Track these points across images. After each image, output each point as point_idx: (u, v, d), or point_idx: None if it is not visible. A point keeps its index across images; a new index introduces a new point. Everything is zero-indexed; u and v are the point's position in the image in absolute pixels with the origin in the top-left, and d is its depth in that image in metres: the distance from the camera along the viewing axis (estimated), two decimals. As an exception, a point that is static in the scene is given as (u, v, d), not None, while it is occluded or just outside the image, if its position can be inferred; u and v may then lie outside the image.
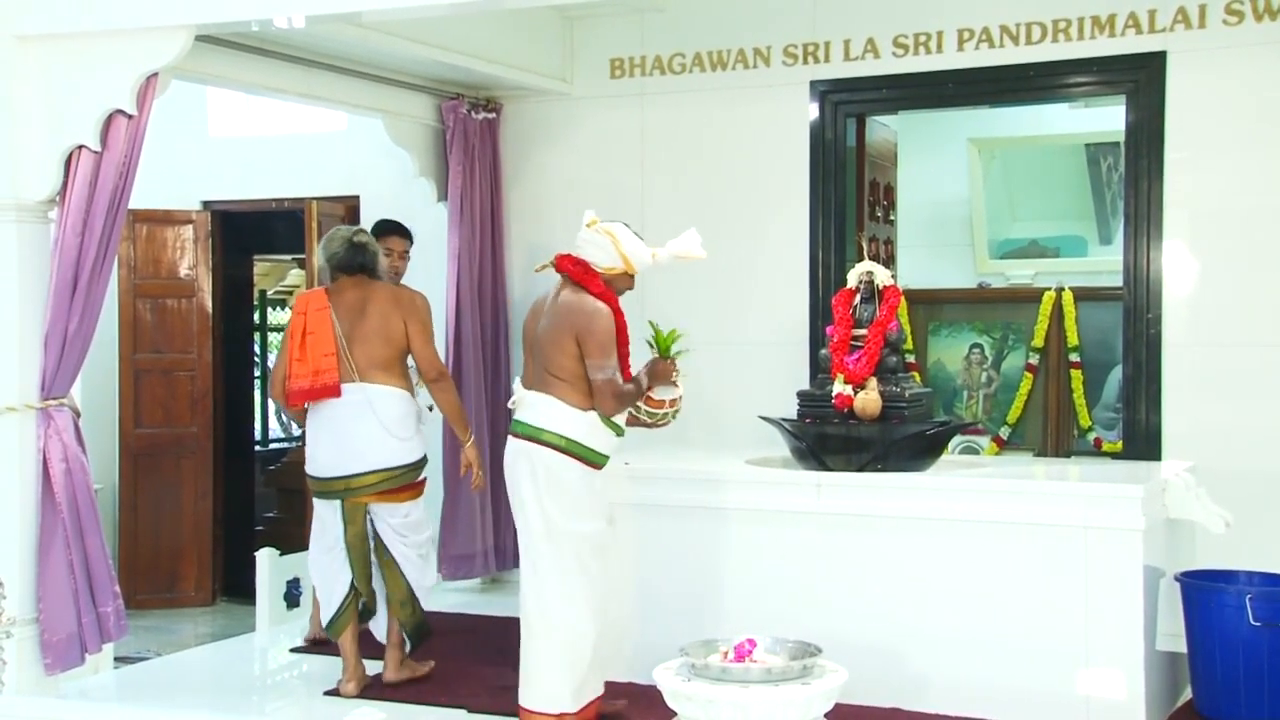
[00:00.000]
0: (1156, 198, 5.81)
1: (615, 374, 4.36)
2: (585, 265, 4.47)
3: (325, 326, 5.02)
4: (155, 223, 7.94)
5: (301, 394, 5.00)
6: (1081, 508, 4.60)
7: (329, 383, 4.97)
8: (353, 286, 5.13)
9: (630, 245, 4.46)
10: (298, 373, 4.99)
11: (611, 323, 4.41)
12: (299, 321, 5.06)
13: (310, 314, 5.05)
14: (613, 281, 4.48)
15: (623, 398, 4.40)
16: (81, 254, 4.57)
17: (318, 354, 4.98)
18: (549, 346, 4.44)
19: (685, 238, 4.50)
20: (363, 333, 5.05)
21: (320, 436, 5.04)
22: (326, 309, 5.05)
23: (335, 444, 5.01)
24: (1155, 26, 5.79)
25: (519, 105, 6.99)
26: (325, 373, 4.98)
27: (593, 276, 4.46)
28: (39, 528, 4.58)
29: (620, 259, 4.44)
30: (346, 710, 4.93)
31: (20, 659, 4.51)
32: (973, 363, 6.72)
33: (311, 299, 5.13)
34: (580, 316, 4.40)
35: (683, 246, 4.48)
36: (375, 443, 5.01)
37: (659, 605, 5.02)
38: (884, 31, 6.25)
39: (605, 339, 4.37)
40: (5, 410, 4.57)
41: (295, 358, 5.00)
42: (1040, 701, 4.59)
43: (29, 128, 4.63)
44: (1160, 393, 5.80)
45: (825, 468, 5.08)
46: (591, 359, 4.37)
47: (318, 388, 4.98)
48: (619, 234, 4.46)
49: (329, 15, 4.69)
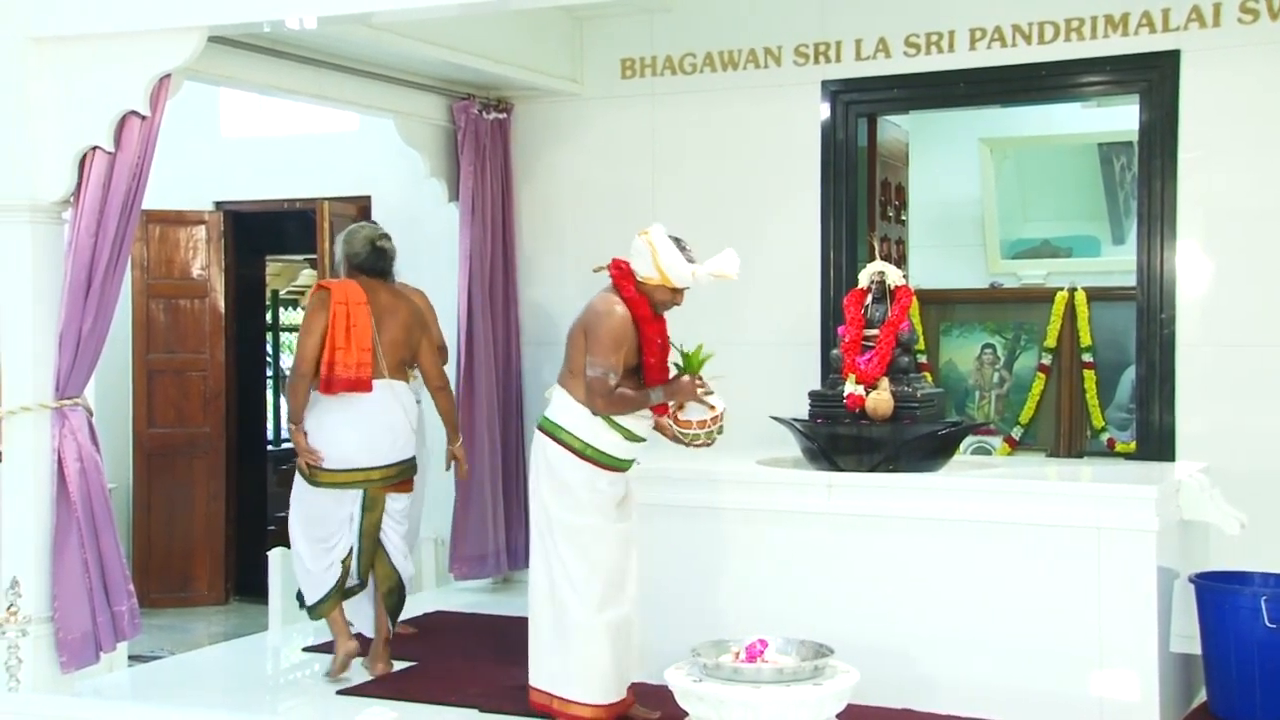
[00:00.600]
0: (1170, 197, 5.79)
1: (608, 374, 4.38)
2: (626, 270, 4.50)
3: (366, 322, 5.16)
4: (168, 223, 7.97)
5: (347, 383, 5.10)
6: (1095, 509, 4.59)
7: (365, 376, 5.13)
8: (384, 290, 5.32)
9: (668, 259, 4.43)
10: (345, 361, 5.08)
11: (621, 324, 4.42)
12: (342, 311, 5.12)
13: (351, 306, 5.15)
14: (651, 292, 4.47)
15: (613, 400, 4.40)
16: (95, 254, 4.59)
17: (359, 347, 5.11)
18: (569, 342, 4.55)
19: (723, 257, 4.48)
20: (392, 335, 5.26)
21: (346, 429, 5.15)
22: (366, 305, 5.18)
23: (368, 436, 5.17)
24: (1169, 25, 5.77)
25: (530, 105, 7.00)
26: (364, 366, 5.12)
27: (628, 281, 4.48)
28: (54, 527, 4.60)
29: (656, 271, 4.43)
30: (359, 709, 4.95)
31: (36, 657, 4.54)
32: (985, 363, 6.71)
33: (350, 291, 5.19)
34: (592, 314, 4.47)
35: (720, 266, 4.47)
36: (402, 435, 5.27)
37: (670, 605, 5.02)
38: (895, 31, 6.24)
39: (608, 338, 4.39)
40: (20, 410, 4.59)
41: (339, 346, 5.09)
42: (1053, 703, 4.58)
43: (43, 129, 4.65)
44: (1174, 393, 5.78)
45: (837, 468, 5.07)
46: (589, 355, 4.41)
47: (358, 379, 5.11)
48: (659, 246, 4.43)
49: (340, 16, 4.71)
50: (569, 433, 4.47)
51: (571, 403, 4.48)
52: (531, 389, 6.92)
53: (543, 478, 4.52)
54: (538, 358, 6.99)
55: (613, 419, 4.45)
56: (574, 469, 4.45)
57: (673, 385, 4.51)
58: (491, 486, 6.64)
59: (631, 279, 4.48)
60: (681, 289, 4.49)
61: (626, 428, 4.47)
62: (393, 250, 5.40)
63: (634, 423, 4.48)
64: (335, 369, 5.09)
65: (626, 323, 4.44)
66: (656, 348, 4.51)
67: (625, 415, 4.46)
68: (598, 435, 4.46)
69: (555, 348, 6.91)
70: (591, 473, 4.46)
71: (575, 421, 4.46)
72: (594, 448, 4.45)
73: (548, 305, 7.04)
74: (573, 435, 4.46)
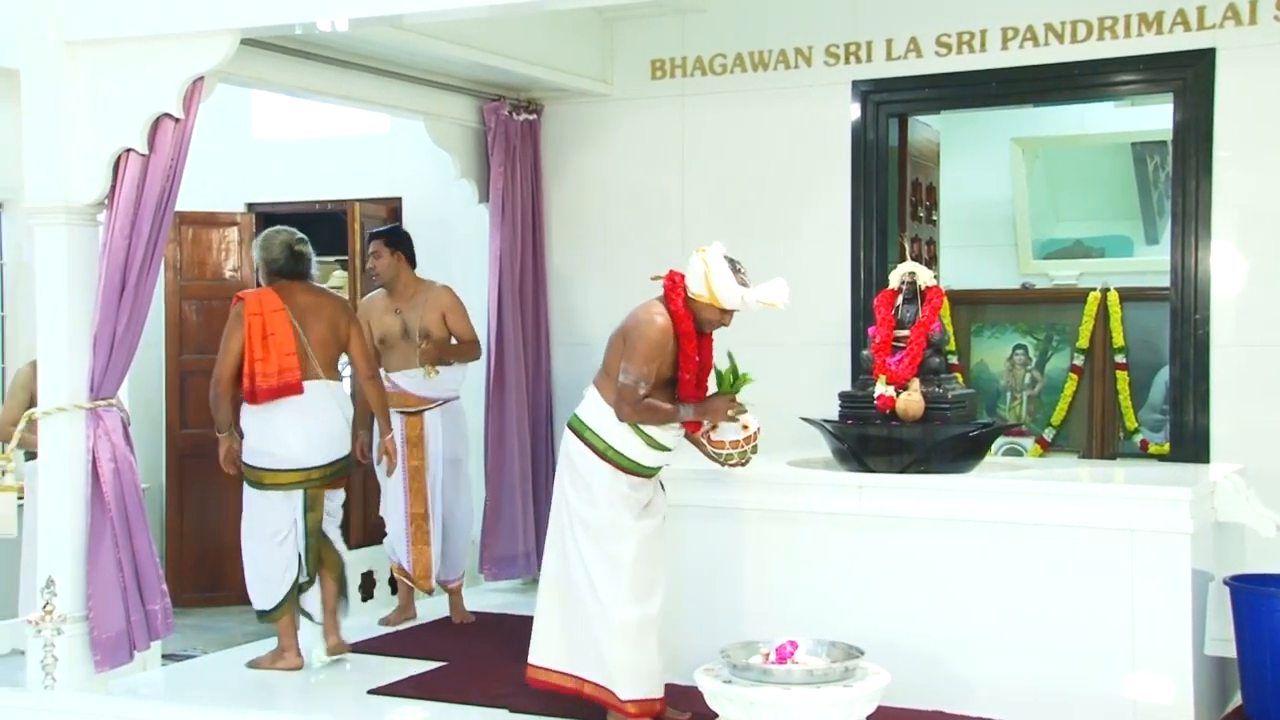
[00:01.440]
0: (1205, 197, 5.74)
1: (639, 383, 4.38)
2: (679, 283, 4.50)
3: (286, 328, 5.34)
4: (200, 225, 8.01)
5: (271, 391, 5.28)
6: (1128, 511, 4.55)
7: (291, 380, 5.30)
8: (302, 291, 5.50)
9: (719, 280, 4.41)
10: (264, 371, 5.28)
11: (660, 335, 4.42)
12: (257, 322, 5.31)
13: (267, 315, 5.33)
14: (699, 310, 4.47)
15: (640, 409, 4.41)
16: (129, 256, 4.62)
17: (281, 353, 5.30)
18: (609, 345, 4.57)
19: (773, 286, 4.44)
20: (319, 335, 5.45)
21: (290, 431, 5.32)
22: (283, 310, 5.37)
23: (305, 436, 5.35)
24: (1204, 23, 5.72)
25: (560, 106, 7.01)
26: (287, 371, 5.30)
27: (677, 294, 4.48)
28: (88, 527, 4.63)
29: (707, 289, 4.42)
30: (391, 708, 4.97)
31: (70, 656, 4.58)
32: (1016, 364, 6.67)
33: (265, 300, 5.39)
34: (633, 321, 4.48)
35: (770, 295, 4.43)
36: (339, 433, 5.49)
37: (699, 606, 5.02)
38: (926, 31, 6.21)
39: (644, 347, 4.40)
40: (55, 410, 4.63)
41: (258, 357, 5.28)
42: (1086, 706, 4.55)
43: (78, 132, 4.69)
44: (1208, 394, 5.73)
45: (867, 469, 5.06)
46: (624, 361, 4.43)
47: (283, 386, 5.29)
48: (713, 265, 4.42)
49: (371, 18, 4.73)
50: (594, 432, 4.50)
51: (601, 404, 4.51)
52: (561, 390, 6.93)
53: (565, 473, 4.57)
54: (568, 359, 6.99)
55: (638, 426, 4.45)
56: (595, 468, 4.49)
57: (705, 404, 4.52)
58: (521, 487, 6.65)
59: (682, 293, 4.48)
60: (730, 310, 4.47)
61: (651, 436, 4.48)
62: (309, 254, 5.60)
63: (660, 432, 4.48)
64: (256, 379, 5.27)
65: (666, 334, 4.44)
66: (694, 364, 4.51)
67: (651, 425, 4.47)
68: (622, 439, 4.47)
69: (585, 348, 6.96)
70: (612, 474, 4.48)
71: (601, 423, 4.49)
72: (616, 450, 4.48)
73: (578, 306, 7.05)
74: (597, 435, 4.49)
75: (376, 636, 5.96)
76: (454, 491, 6.19)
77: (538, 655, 4.63)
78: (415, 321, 6.10)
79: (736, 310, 4.48)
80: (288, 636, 5.49)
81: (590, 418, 4.53)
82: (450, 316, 6.14)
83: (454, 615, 6.21)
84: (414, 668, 5.39)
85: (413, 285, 6.18)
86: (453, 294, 6.19)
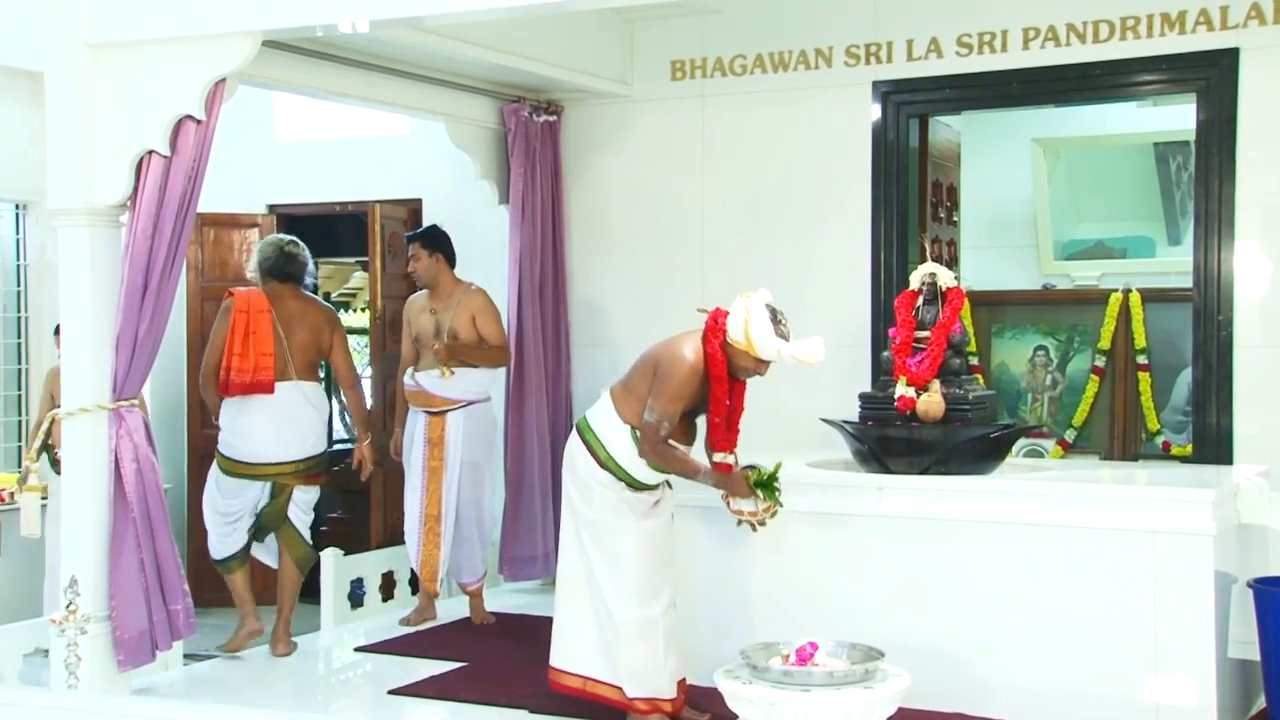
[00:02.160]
0: (1228, 197, 5.71)
1: (662, 422, 4.38)
2: (720, 325, 4.45)
3: (267, 329, 5.57)
4: (222, 226, 8.05)
5: (242, 387, 5.51)
6: (1150, 512, 4.53)
7: (263, 379, 5.53)
8: (292, 296, 5.74)
9: (759, 331, 4.36)
10: (240, 367, 5.49)
11: (689, 376, 4.40)
12: (241, 320, 5.53)
13: (252, 315, 5.55)
14: (735, 356, 4.43)
15: (659, 451, 4.41)
16: (151, 257, 4.64)
17: (258, 353, 5.52)
18: (639, 363, 4.55)
19: (810, 344, 4.39)
20: (301, 339, 5.69)
21: (259, 428, 5.57)
22: (268, 312, 5.59)
23: (277, 434, 5.59)
24: (1227, 23, 5.69)
25: (580, 108, 7.01)
26: (261, 370, 5.52)
27: (715, 336, 4.44)
28: (111, 527, 4.66)
29: (744, 336, 4.38)
30: (411, 708, 4.99)
31: (94, 655, 4.60)
32: (1037, 365, 6.65)
33: (252, 300, 5.60)
34: (667, 355, 4.44)
35: (805, 352, 4.38)
36: (314, 433, 5.72)
37: (719, 607, 5.01)
38: (947, 31, 6.19)
39: (671, 387, 4.38)
40: (79, 411, 4.65)
41: (237, 352, 5.49)
42: (1108, 709, 4.52)
43: (100, 134, 4.71)
44: (1232, 395, 5.70)
45: (887, 470, 5.04)
46: (650, 398, 4.41)
47: (255, 383, 5.52)
48: (754, 314, 4.37)
49: (392, 20, 4.74)
50: (598, 440, 4.50)
51: (612, 413, 4.51)
52: (581, 391, 6.93)
53: (568, 473, 4.60)
54: (587, 359, 7.00)
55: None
56: (594, 472, 4.51)
57: (726, 479, 4.52)
58: (541, 488, 6.65)
59: (720, 335, 4.43)
60: (766, 361, 4.44)
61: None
62: (303, 257, 5.81)
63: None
64: (230, 373, 5.49)
65: (695, 374, 4.42)
66: (724, 408, 4.50)
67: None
68: (623, 454, 4.48)
69: (606, 349, 6.98)
70: (611, 480, 4.50)
71: (607, 431, 4.50)
72: (616, 463, 4.49)
73: (598, 307, 7.05)
74: (600, 444, 4.50)
75: (396, 637, 5.97)
76: (473, 494, 6.19)
77: (558, 657, 4.63)
78: (446, 322, 6.11)
79: (772, 361, 4.44)
80: (244, 604, 5.69)
81: (598, 425, 4.53)
82: (479, 319, 6.14)
83: (474, 616, 6.22)
84: (434, 668, 5.40)
85: (450, 286, 6.19)
86: (485, 297, 6.19)
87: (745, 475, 4.52)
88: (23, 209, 7.60)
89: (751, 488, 4.50)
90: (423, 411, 6.14)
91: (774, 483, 4.50)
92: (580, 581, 4.55)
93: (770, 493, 4.49)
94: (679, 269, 6.83)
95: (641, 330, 6.88)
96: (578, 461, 4.55)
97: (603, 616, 4.49)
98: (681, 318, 6.73)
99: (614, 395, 4.55)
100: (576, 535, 4.57)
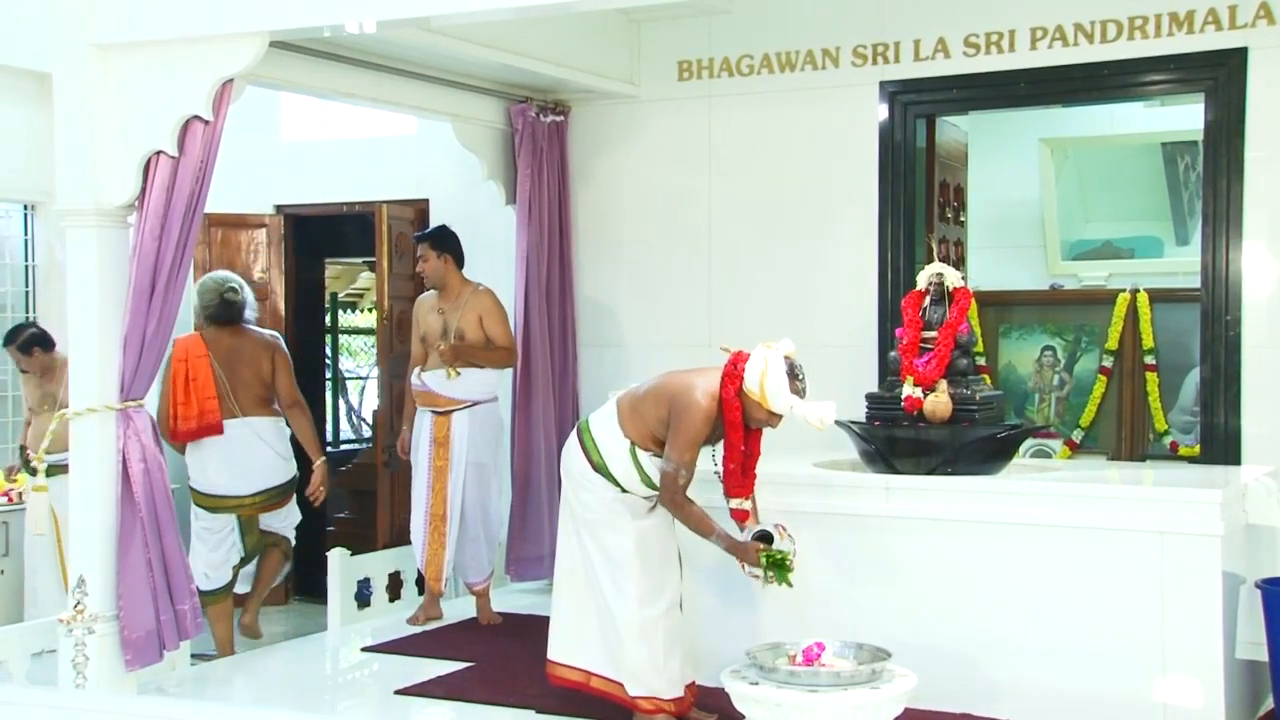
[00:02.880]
0: (1236, 197, 5.70)
1: (679, 470, 4.38)
2: (739, 371, 4.42)
3: (207, 373, 5.88)
4: (229, 226, 8.06)
5: (189, 434, 5.87)
6: (1158, 513, 4.52)
7: (210, 422, 5.87)
8: (229, 336, 6.05)
9: (774, 385, 4.34)
10: (184, 415, 5.83)
11: (704, 423, 4.39)
12: (181, 369, 5.85)
13: (191, 361, 5.87)
14: (748, 406, 4.41)
15: (678, 503, 4.43)
16: (159, 258, 4.65)
17: (201, 397, 5.85)
18: (654, 386, 4.52)
19: (822, 409, 4.37)
20: (243, 376, 6.02)
21: (212, 466, 5.94)
22: (206, 357, 5.92)
23: (230, 471, 5.95)
24: (1236, 23, 5.68)
25: (587, 108, 7.01)
26: (207, 414, 5.86)
27: (732, 383, 4.41)
28: (119, 527, 4.66)
29: (759, 387, 4.35)
30: (417, 708, 5.00)
31: (101, 655, 4.61)
32: (1044, 365, 6.64)
33: (190, 346, 5.93)
34: (682, 399, 4.40)
35: (813, 414, 4.36)
36: (268, 465, 6.04)
37: (725, 608, 5.01)
38: (955, 31, 6.18)
39: (688, 434, 4.38)
40: (86, 411, 4.66)
41: (180, 400, 5.83)
42: (1115, 710, 4.51)
43: (108, 134, 4.72)
44: (1240, 396, 5.69)
45: (894, 471, 5.04)
46: (668, 445, 4.41)
47: (203, 427, 5.86)
48: (772, 368, 4.34)
49: (399, 20, 4.75)
50: (595, 443, 4.52)
51: (615, 424, 4.52)
52: (587, 391, 6.93)
53: (564, 471, 4.63)
54: (594, 360, 7.00)
55: (638, 458, 4.46)
56: (587, 474, 4.53)
57: (739, 547, 4.51)
58: (547, 488, 6.65)
59: (737, 382, 4.41)
60: (778, 415, 4.42)
61: (649, 474, 4.49)
62: (242, 300, 6.12)
63: (657, 476, 4.48)
64: (176, 422, 5.83)
65: (709, 420, 4.41)
66: (739, 455, 4.50)
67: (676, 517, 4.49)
68: (618, 464, 4.49)
69: (612, 350, 6.98)
70: (603, 483, 4.52)
71: (606, 440, 4.51)
72: (608, 469, 4.50)
73: (604, 307, 7.05)
74: (597, 450, 4.51)
75: (403, 637, 5.98)
76: (479, 494, 6.19)
77: (554, 651, 4.66)
78: (454, 322, 6.12)
79: (784, 416, 4.42)
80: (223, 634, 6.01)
81: (599, 431, 4.55)
82: (486, 320, 6.15)
83: (481, 616, 6.23)
84: (441, 668, 5.40)
85: (458, 286, 6.20)
86: (492, 297, 6.20)
87: (758, 549, 4.47)
88: (31, 209, 7.61)
89: (762, 563, 4.46)
90: (429, 411, 6.15)
91: (785, 565, 4.45)
92: (579, 576, 4.57)
93: (781, 574, 4.43)
94: (685, 270, 6.84)
95: (648, 331, 6.92)
96: (573, 461, 4.58)
97: (604, 613, 4.50)
98: (688, 319, 6.79)
99: (620, 408, 4.55)
100: (575, 532, 4.58)
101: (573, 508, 4.59)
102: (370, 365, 12.05)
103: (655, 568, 4.51)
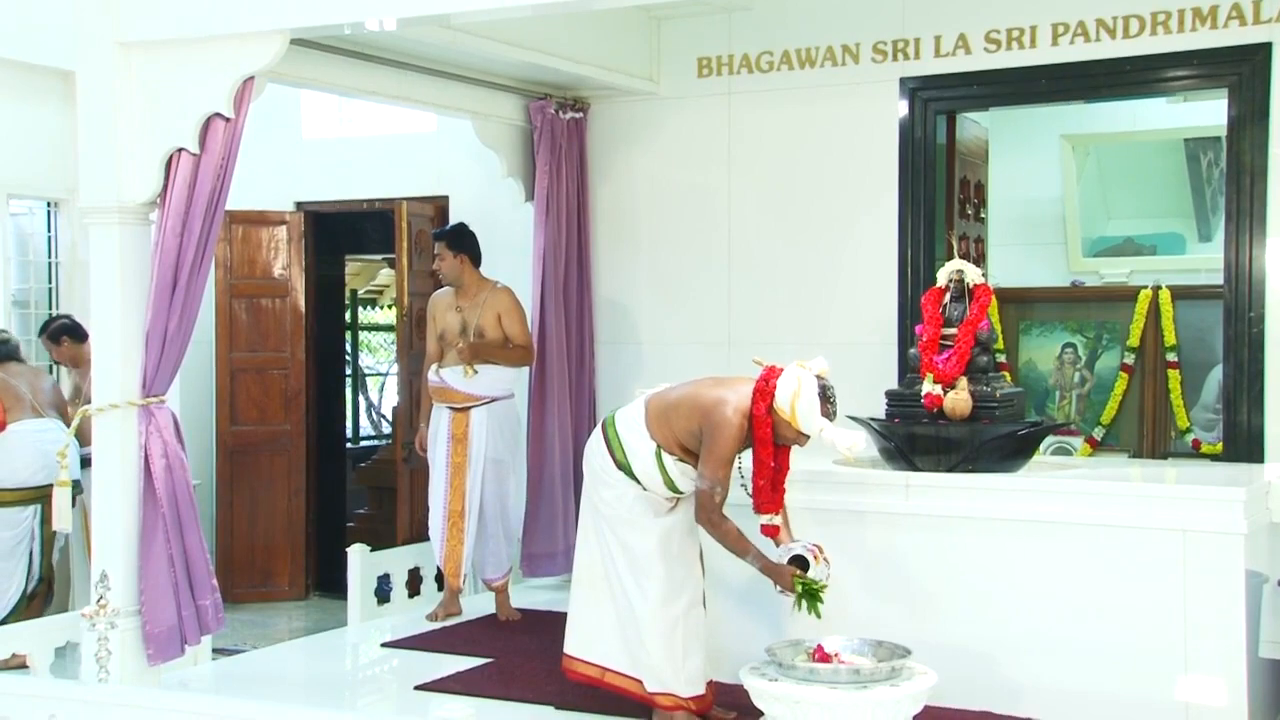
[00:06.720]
0: (1260, 193, 5.66)
1: (714, 488, 4.35)
2: (770, 389, 4.38)
3: None
4: (250, 223, 8.10)
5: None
6: (1180, 511, 4.50)
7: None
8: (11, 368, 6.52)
9: (805, 406, 4.31)
10: None
11: (736, 440, 4.37)
12: None
13: None
14: (778, 424, 4.38)
15: (715, 522, 4.40)
16: (180, 254, 4.66)
17: None
18: (687, 394, 4.48)
19: (851, 435, 4.35)
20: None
21: None
22: None
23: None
24: (1260, 18, 5.64)
25: (606, 105, 7.01)
26: None
27: (763, 400, 4.38)
28: (141, 522, 4.69)
29: (790, 407, 4.33)
30: (437, 704, 5.01)
31: (123, 650, 4.62)
32: (1065, 362, 6.61)
33: None
34: (713, 418, 4.37)
35: (841, 441, 4.33)
36: None
37: (745, 605, 5.00)
38: (975, 27, 6.16)
39: (721, 451, 4.36)
40: (109, 407, 4.69)
41: None
42: (1137, 709, 4.49)
43: (131, 132, 4.74)
44: (1263, 393, 5.65)
45: (914, 468, 5.03)
46: (703, 463, 4.39)
47: None
48: (803, 388, 4.31)
49: (419, 18, 4.74)
50: (620, 444, 4.52)
51: (642, 425, 4.50)
52: (604, 388, 6.94)
53: (587, 466, 4.63)
54: (611, 357, 7.00)
55: (663, 461, 4.46)
56: (609, 470, 4.53)
57: (774, 569, 4.46)
58: (563, 485, 6.66)
59: (769, 399, 4.38)
60: (807, 435, 4.39)
61: (672, 479, 4.48)
62: (14, 343, 6.63)
63: (682, 479, 4.48)
64: None
65: (741, 436, 4.39)
66: (769, 471, 4.47)
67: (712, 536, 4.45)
68: (641, 465, 4.48)
69: (630, 347, 6.98)
70: (624, 479, 4.51)
71: (631, 439, 4.50)
72: (630, 467, 4.49)
73: (622, 305, 7.05)
74: (622, 448, 4.51)
75: (423, 633, 5.99)
76: (497, 490, 6.21)
77: (570, 645, 4.66)
78: (473, 320, 6.13)
79: (811, 437, 4.39)
80: None
81: (624, 429, 4.54)
82: (505, 318, 6.16)
83: (500, 612, 6.24)
84: (460, 664, 5.41)
85: (476, 284, 6.21)
86: (511, 296, 6.21)
87: (794, 574, 4.43)
88: (54, 206, 7.66)
89: (797, 590, 4.41)
90: (446, 407, 6.16)
91: (818, 596, 4.40)
92: (598, 572, 4.57)
93: (812, 604, 4.38)
94: (704, 267, 6.83)
95: (666, 329, 6.91)
96: (595, 457, 4.58)
97: (623, 609, 4.50)
98: (706, 316, 6.78)
99: (649, 410, 4.52)
100: (595, 527, 4.58)
101: (594, 503, 4.59)
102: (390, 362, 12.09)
103: (677, 566, 4.51)
